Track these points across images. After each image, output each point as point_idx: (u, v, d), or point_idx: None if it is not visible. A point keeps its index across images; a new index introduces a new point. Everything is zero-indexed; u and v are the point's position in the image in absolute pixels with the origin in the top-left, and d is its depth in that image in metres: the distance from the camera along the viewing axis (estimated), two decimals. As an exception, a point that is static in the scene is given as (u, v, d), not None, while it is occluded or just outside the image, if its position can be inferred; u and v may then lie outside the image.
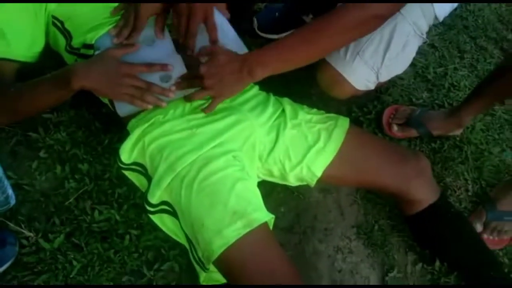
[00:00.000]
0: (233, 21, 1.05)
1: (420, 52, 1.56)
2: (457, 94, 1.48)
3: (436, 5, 1.05)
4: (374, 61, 1.03)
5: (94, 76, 0.91)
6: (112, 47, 0.95)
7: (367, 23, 0.88)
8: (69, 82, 0.89)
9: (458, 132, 1.33)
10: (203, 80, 0.90)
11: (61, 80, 0.92)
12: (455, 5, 1.15)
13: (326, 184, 1.14)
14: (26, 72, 1.05)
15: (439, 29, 1.67)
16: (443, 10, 1.10)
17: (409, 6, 1.01)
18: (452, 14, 1.66)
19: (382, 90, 1.42)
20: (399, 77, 1.46)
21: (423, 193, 1.05)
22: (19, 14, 1.03)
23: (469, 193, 1.27)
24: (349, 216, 1.17)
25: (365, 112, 1.34)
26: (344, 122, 1.07)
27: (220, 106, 0.98)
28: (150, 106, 0.92)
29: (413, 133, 1.31)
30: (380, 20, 0.89)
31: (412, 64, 1.51)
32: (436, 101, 1.44)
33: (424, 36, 1.10)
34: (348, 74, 1.03)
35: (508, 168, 1.34)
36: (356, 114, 1.34)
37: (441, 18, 1.14)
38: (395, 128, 1.30)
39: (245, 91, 1.05)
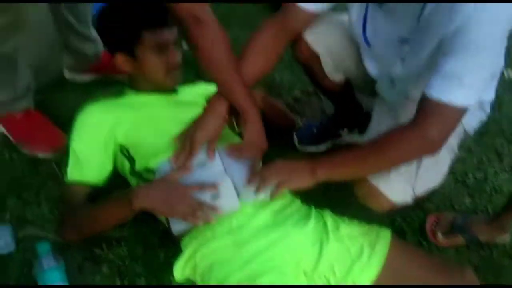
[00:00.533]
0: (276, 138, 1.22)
1: (458, 158, 1.61)
2: (500, 199, 1.48)
3: (464, 121, 1.13)
4: (408, 176, 1.09)
5: (153, 198, 1.03)
6: (170, 171, 1.08)
7: (419, 148, 0.98)
8: (131, 203, 1.02)
9: (505, 238, 1.31)
10: (275, 168, 1.05)
11: (124, 201, 1.05)
12: (484, 117, 1.22)
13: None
14: (95, 193, 1.19)
15: (475, 134, 1.71)
16: (471, 125, 1.17)
17: None
18: (484, 122, 1.74)
19: (423, 198, 1.45)
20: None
21: (471, 309, 1.03)
22: (92, 145, 1.20)
23: (528, 306, 1.21)
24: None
25: (408, 221, 1.37)
26: (386, 235, 1.11)
27: (264, 222, 1.06)
28: (200, 223, 1.01)
29: (459, 240, 1.31)
30: (432, 144, 0.96)
31: (451, 171, 1.55)
32: (479, 207, 1.45)
33: (455, 150, 1.16)
34: (384, 188, 1.09)
35: None
36: (399, 223, 1.36)
37: (471, 131, 1.21)
38: (439, 236, 1.31)
39: (287, 206, 1.13)
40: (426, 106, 0.94)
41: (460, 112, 0.94)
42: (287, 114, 1.60)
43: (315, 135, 1.54)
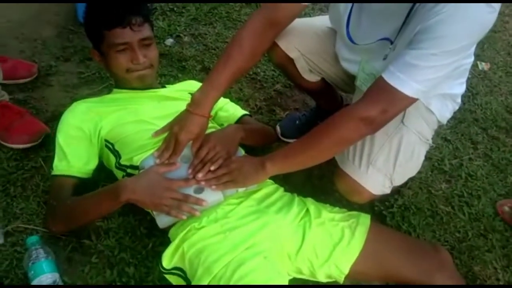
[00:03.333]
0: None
1: (435, 146, 1.68)
2: (475, 183, 1.55)
3: (436, 112, 1.18)
4: (386, 169, 1.13)
5: (140, 190, 1.06)
6: (156, 165, 1.11)
7: (357, 128, 0.98)
8: (118, 195, 1.05)
9: None
10: (228, 166, 1.08)
11: (111, 193, 1.08)
12: (456, 107, 1.27)
13: (354, 279, 1.19)
14: (82, 186, 1.21)
15: (450, 123, 1.78)
16: (445, 116, 1.22)
17: (411, 117, 1.14)
18: (461, 109, 1.80)
19: (402, 184, 1.50)
20: (416, 171, 1.56)
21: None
22: (78, 139, 1.23)
23: (501, 282, 1.27)
24: (381, 310, 1.19)
25: (387, 206, 1.42)
26: (365, 220, 1.16)
27: (248, 210, 1.11)
28: (184, 217, 1.05)
29: None
30: (370, 123, 0.98)
31: (428, 158, 1.61)
32: (455, 192, 1.51)
33: (430, 142, 1.21)
34: (364, 182, 1.14)
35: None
36: (378, 208, 1.41)
37: (445, 121, 1.26)
38: (506, 209, 1.43)
39: (270, 194, 1.18)
40: (376, 87, 0.97)
41: (406, 101, 0.96)
42: (266, 131, 1.50)
43: (298, 127, 1.58)
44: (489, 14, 0.89)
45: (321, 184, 1.46)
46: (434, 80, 0.94)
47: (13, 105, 1.50)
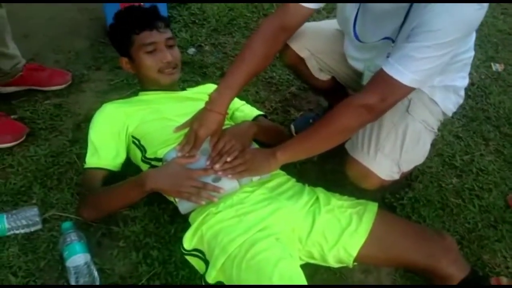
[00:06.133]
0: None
1: (446, 143, 1.72)
2: (486, 178, 1.59)
3: (441, 104, 1.25)
4: (393, 155, 1.20)
5: (162, 180, 1.17)
6: (178, 157, 1.22)
7: (358, 116, 1.07)
8: (143, 184, 1.17)
9: None
10: (243, 156, 1.18)
11: (136, 183, 1.20)
12: (460, 101, 1.33)
13: (362, 264, 1.25)
14: (111, 179, 1.33)
15: (462, 121, 1.83)
16: (449, 108, 1.29)
17: (416, 107, 1.21)
18: (473, 108, 1.85)
19: (412, 178, 1.56)
20: (427, 165, 1.61)
21: (451, 269, 1.14)
22: (107, 135, 1.36)
23: (510, 270, 1.30)
24: (390, 295, 1.24)
25: (397, 198, 1.48)
26: (373, 207, 1.22)
27: (261, 197, 1.20)
28: (203, 202, 1.15)
29: None
30: (370, 110, 1.06)
31: (439, 154, 1.67)
32: (466, 186, 1.55)
33: (435, 130, 1.27)
34: (373, 167, 1.20)
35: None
36: (389, 200, 1.47)
37: (449, 113, 1.32)
38: None
39: (282, 183, 1.26)
40: (376, 77, 1.06)
41: (403, 90, 1.04)
42: (278, 129, 1.57)
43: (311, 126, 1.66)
44: (477, 10, 0.97)
45: (334, 178, 1.52)
46: (428, 71, 1.02)
47: None
